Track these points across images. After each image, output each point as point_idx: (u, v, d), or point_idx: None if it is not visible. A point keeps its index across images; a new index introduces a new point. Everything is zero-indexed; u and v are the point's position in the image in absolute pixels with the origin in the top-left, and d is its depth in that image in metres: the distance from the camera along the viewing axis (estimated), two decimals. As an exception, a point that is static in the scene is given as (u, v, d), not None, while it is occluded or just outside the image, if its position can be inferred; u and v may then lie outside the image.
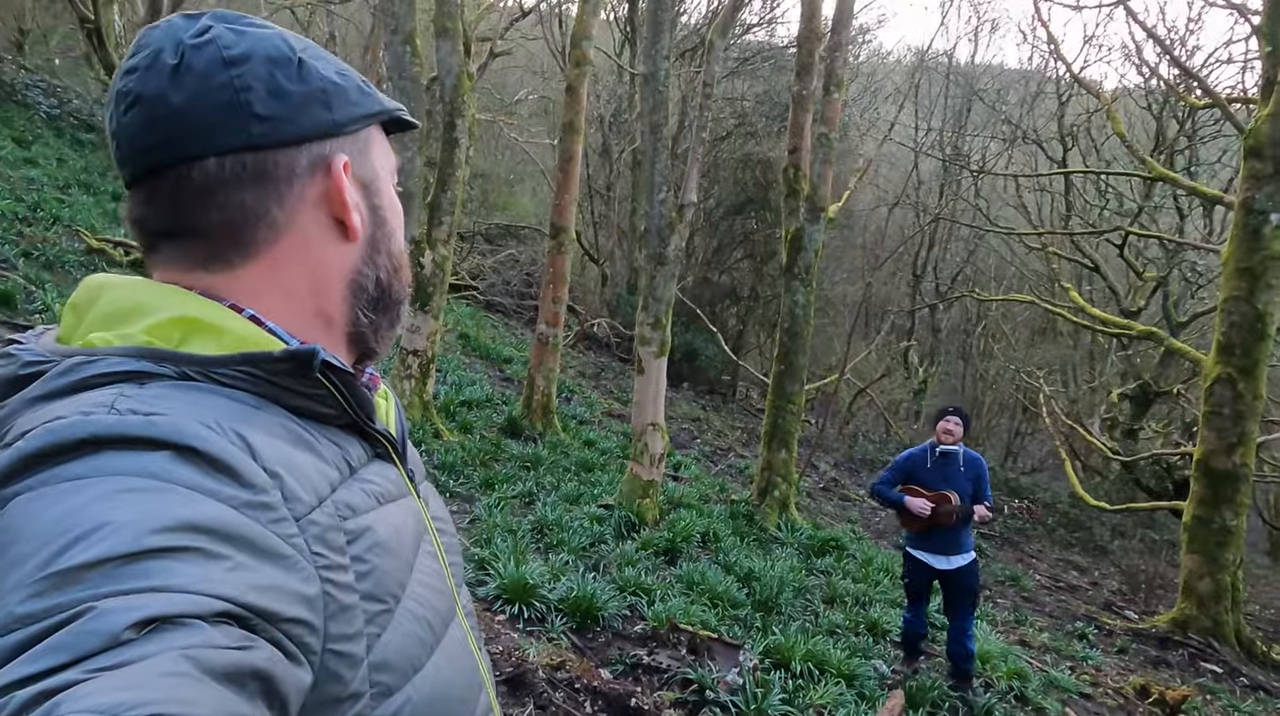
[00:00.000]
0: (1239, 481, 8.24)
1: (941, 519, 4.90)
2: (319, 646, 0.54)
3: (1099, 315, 13.36)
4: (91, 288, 0.66)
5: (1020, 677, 5.55)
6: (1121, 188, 17.92)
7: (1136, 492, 16.57)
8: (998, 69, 22.68)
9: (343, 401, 0.65)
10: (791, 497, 8.44)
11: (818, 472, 12.57)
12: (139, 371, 0.57)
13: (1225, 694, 6.86)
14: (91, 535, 0.46)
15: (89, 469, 0.50)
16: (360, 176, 0.71)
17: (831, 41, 7.96)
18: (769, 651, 4.70)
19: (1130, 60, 28.64)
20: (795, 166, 8.14)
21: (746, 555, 6.65)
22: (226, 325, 0.63)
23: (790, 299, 8.14)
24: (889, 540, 9.80)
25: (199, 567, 0.47)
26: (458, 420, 8.59)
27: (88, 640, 0.41)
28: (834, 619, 5.83)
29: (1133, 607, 9.49)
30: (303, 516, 0.56)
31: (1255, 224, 8.01)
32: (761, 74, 17.56)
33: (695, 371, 16.96)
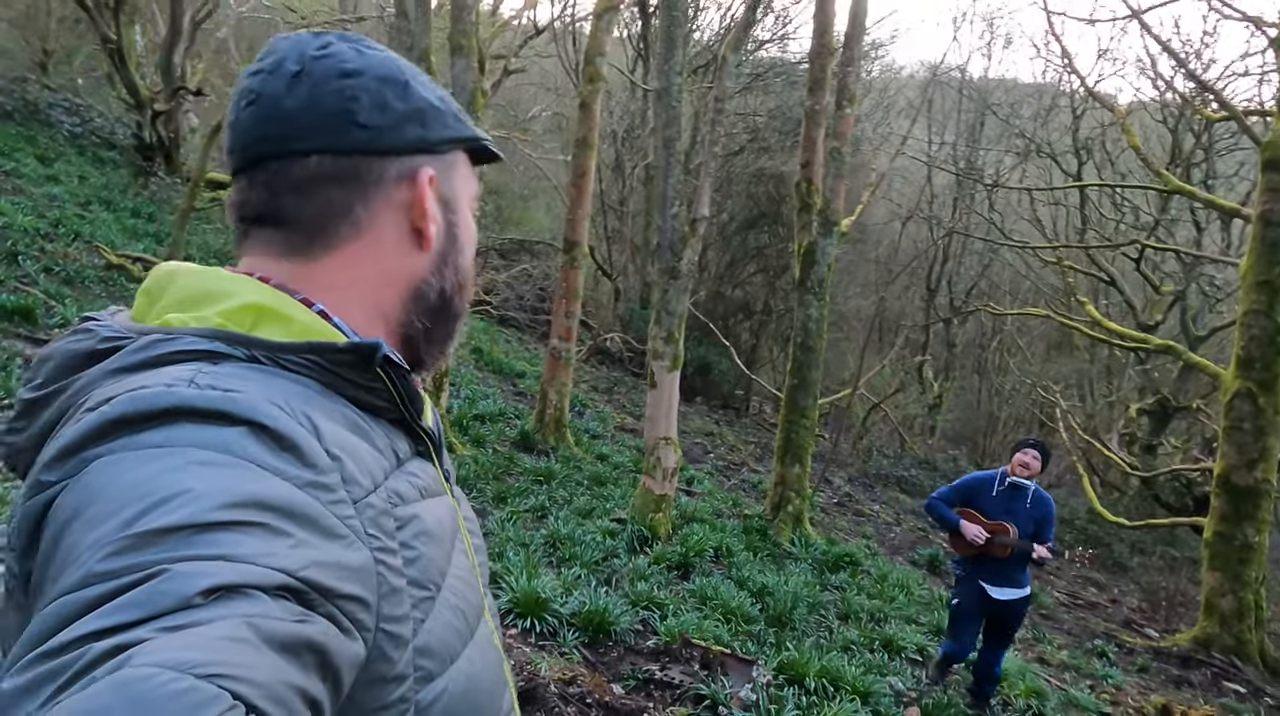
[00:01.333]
0: (1260, 497, 8.13)
1: (995, 550, 4.70)
2: (373, 624, 0.57)
3: (1115, 329, 13.25)
4: (163, 274, 0.70)
5: (1038, 696, 5.47)
6: (1137, 201, 17.82)
7: (1156, 508, 16.34)
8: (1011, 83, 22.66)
9: (397, 396, 0.69)
10: (805, 512, 8.38)
11: (832, 487, 12.50)
12: (213, 351, 0.61)
13: (1248, 714, 6.74)
14: (169, 501, 0.49)
15: (168, 438, 0.53)
16: (442, 193, 0.76)
17: (844, 57, 7.98)
18: (782, 667, 4.65)
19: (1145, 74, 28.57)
20: (808, 181, 8.15)
21: (760, 570, 6.61)
22: (294, 314, 0.68)
23: (803, 313, 8.13)
24: (904, 555, 9.71)
25: (264, 542, 0.49)
26: (471, 434, 8.61)
27: (162, 600, 0.44)
28: (849, 635, 5.78)
29: (1153, 625, 9.35)
30: (360, 499, 0.59)
31: (1274, 237, 7.95)
32: (774, 89, 17.62)
33: (709, 385, 16.93)
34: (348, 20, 16.01)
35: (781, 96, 17.27)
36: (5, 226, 9.18)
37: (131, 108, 14.71)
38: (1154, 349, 12.33)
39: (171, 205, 12.42)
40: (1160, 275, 17.43)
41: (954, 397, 22.51)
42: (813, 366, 8.26)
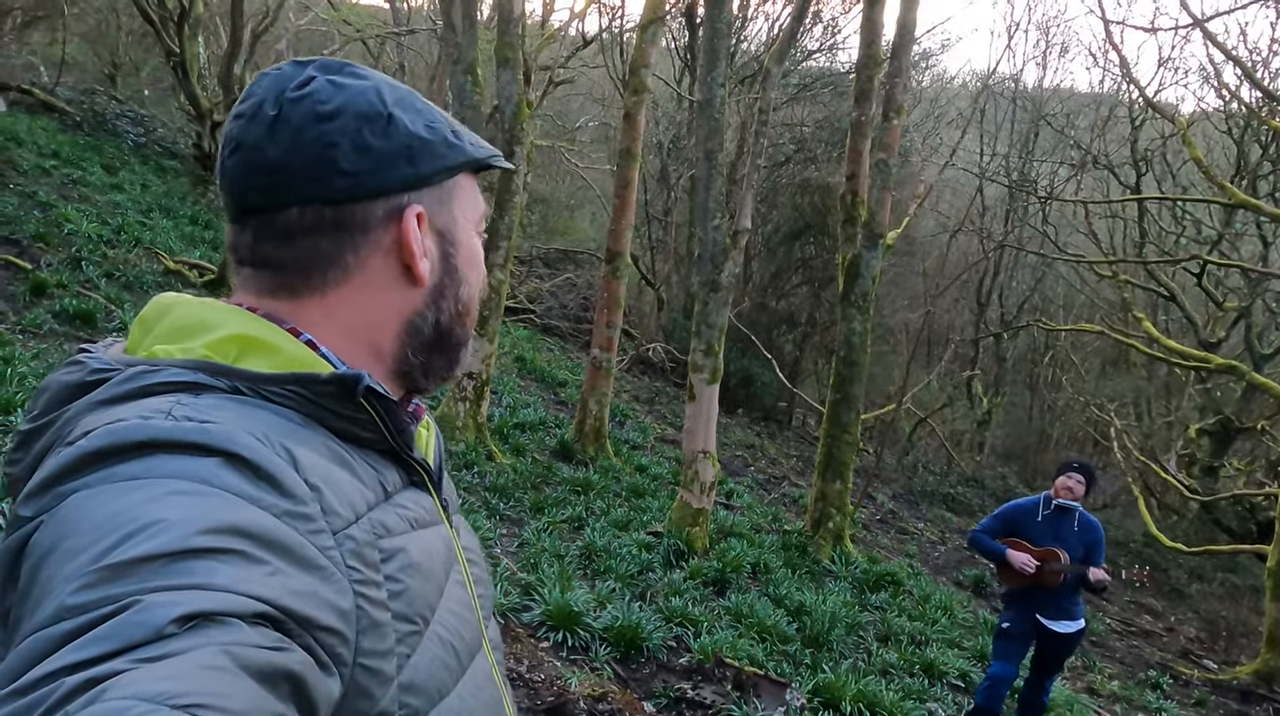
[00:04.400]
0: (1329, 526, 7.76)
1: (1047, 579, 4.49)
2: (350, 658, 0.56)
3: (1174, 347, 12.81)
4: (161, 305, 0.71)
5: (1086, 728, 5.28)
6: (1199, 214, 17.21)
7: (1217, 533, 15.71)
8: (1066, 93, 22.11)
9: (383, 427, 0.68)
10: (846, 529, 8.24)
11: (875, 504, 12.28)
12: (195, 382, 0.61)
13: (1314, 754, 6.42)
14: (141, 532, 0.48)
15: (144, 470, 0.53)
16: (438, 225, 0.75)
17: (891, 67, 7.87)
18: (818, 690, 4.56)
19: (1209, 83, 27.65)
20: (853, 193, 8.04)
21: (798, 588, 6.51)
22: (281, 345, 0.68)
23: (847, 327, 8.01)
24: (948, 576, 9.49)
25: (240, 569, 0.49)
26: (511, 442, 8.65)
27: (134, 631, 0.44)
28: (887, 658, 5.65)
29: (1212, 656, 8.98)
30: (340, 530, 0.59)
31: (1345, 253, 7.60)
32: (822, 99, 17.48)
33: (751, 397, 16.80)
34: (399, 33, 16.32)
35: (829, 107, 17.12)
36: (71, 233, 9.54)
37: (193, 118, 15.20)
38: (1215, 368, 11.89)
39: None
40: (1224, 291, 16.80)
41: (1004, 414, 21.97)
42: (855, 381, 8.13)
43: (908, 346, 16.98)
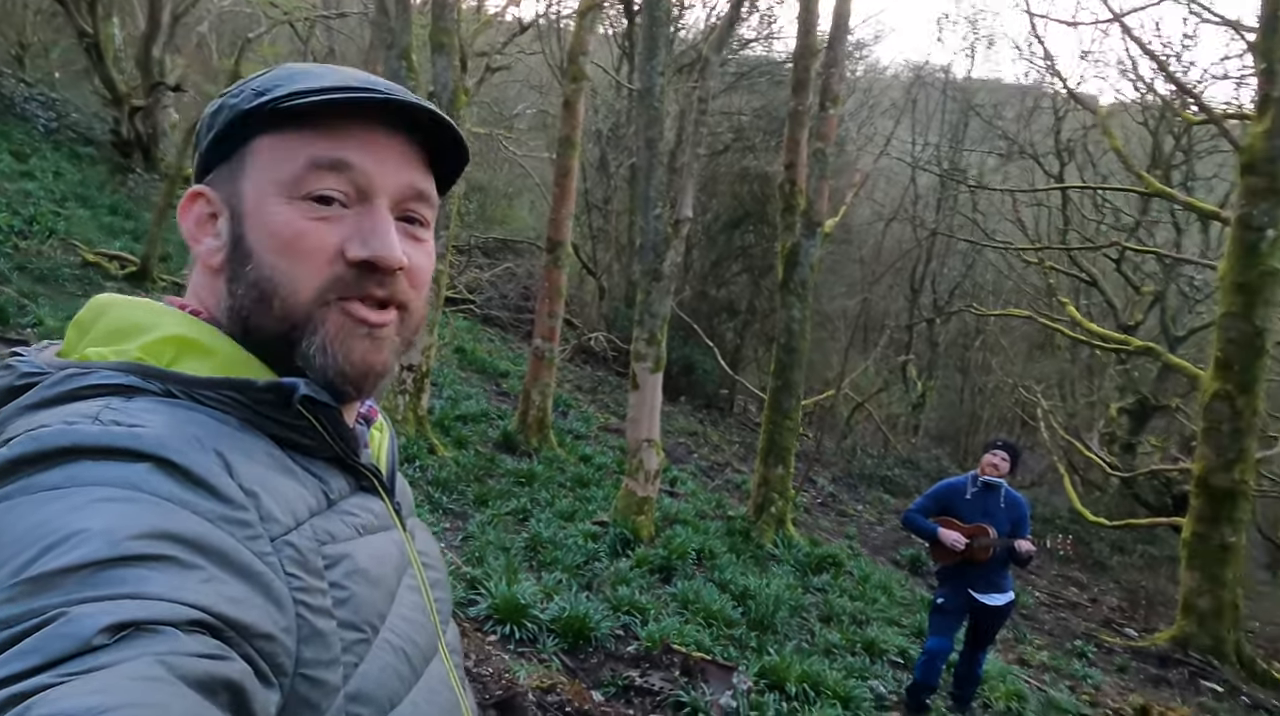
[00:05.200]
0: (1238, 498, 8.20)
1: (977, 554, 4.68)
2: (290, 668, 0.54)
3: (1096, 330, 13.35)
4: (97, 306, 0.68)
5: (1019, 698, 5.50)
6: (1118, 202, 17.94)
7: (1136, 508, 16.49)
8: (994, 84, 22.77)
9: (324, 435, 0.66)
10: (788, 513, 8.38)
11: (815, 488, 12.52)
12: (127, 385, 0.59)
13: (1225, 713, 6.80)
14: (66, 541, 0.46)
15: (67, 477, 0.51)
16: (228, 203, 0.69)
17: (827, 57, 7.98)
18: (764, 672, 4.64)
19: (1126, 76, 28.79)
20: (791, 182, 8.14)
21: (742, 572, 6.60)
22: (218, 348, 0.66)
23: (786, 314, 8.12)
24: (886, 556, 9.74)
25: (173, 576, 0.47)
26: (453, 435, 8.54)
27: (59, 644, 0.42)
28: (830, 638, 5.78)
29: (1133, 625, 9.42)
30: (278, 536, 0.57)
31: (1252, 239, 8.01)
32: (759, 89, 17.61)
33: (693, 385, 16.92)
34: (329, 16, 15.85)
35: (767, 95, 17.27)
36: (-23, 224, 9.03)
37: (109, 103, 14.50)
38: (1134, 350, 12.44)
39: (150, 202, 12.25)
40: (1141, 276, 17.57)
41: (937, 397, 22.60)
42: (796, 367, 8.26)
43: (846, 333, 17.32)
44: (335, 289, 0.67)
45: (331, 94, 0.66)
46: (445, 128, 0.72)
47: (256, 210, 0.68)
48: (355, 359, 0.68)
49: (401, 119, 0.70)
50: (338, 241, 0.67)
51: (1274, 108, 7.81)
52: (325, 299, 0.67)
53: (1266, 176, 7.86)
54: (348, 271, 0.67)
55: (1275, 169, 7.81)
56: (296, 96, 0.66)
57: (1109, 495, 17.61)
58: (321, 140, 0.67)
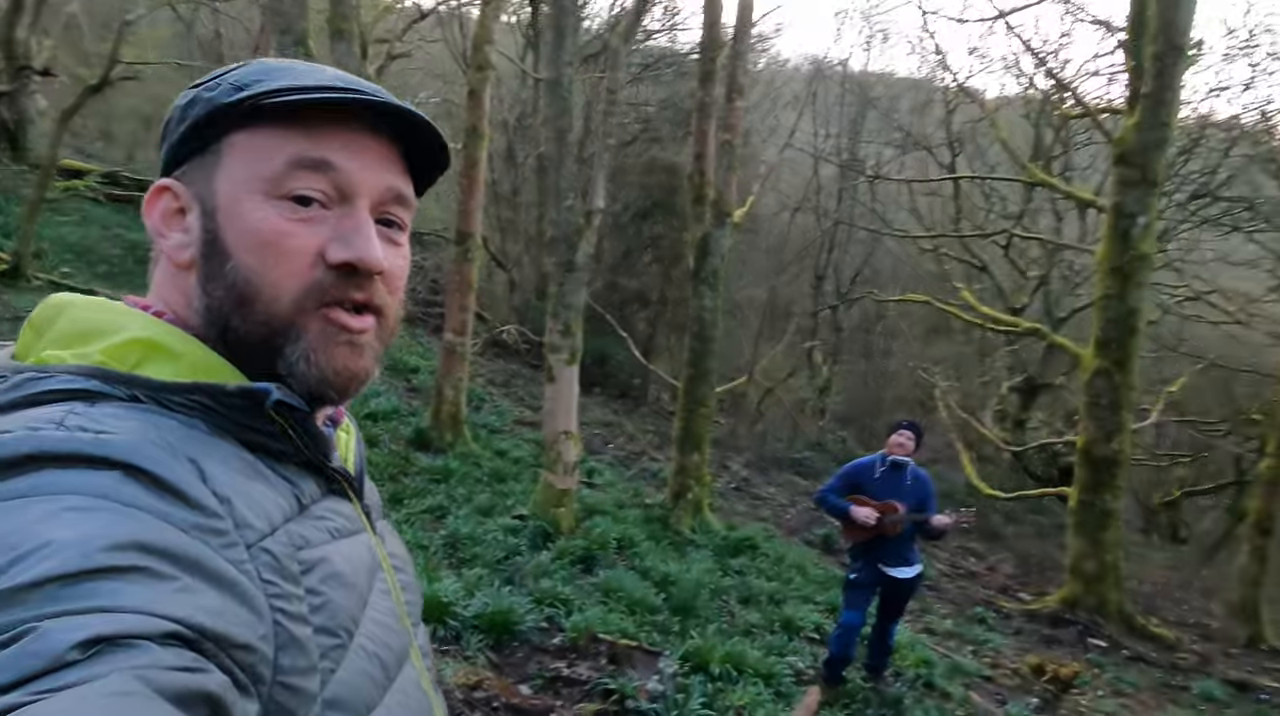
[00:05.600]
0: (1117, 466, 8.82)
1: (887, 530, 4.87)
2: (269, 677, 0.53)
3: (989, 313, 14.08)
4: (53, 307, 0.65)
5: (927, 665, 5.77)
6: (1004, 191, 18.92)
7: (1026, 480, 17.51)
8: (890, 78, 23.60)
9: (296, 440, 0.65)
10: (705, 499, 8.53)
11: (729, 473, 12.76)
12: (89, 390, 0.57)
13: (1110, 667, 7.32)
14: (34, 553, 0.45)
15: (32, 486, 0.49)
16: (200, 198, 0.68)
17: (733, 50, 8.11)
18: (688, 656, 4.73)
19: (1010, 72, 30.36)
20: (700, 173, 8.25)
21: (663, 559, 6.69)
22: (185, 351, 0.64)
23: (699, 303, 8.24)
24: (799, 536, 10.04)
25: (147, 588, 0.46)
26: (363, 433, 8.31)
27: (31, 661, 0.40)
28: (750, 618, 5.93)
29: (1026, 590, 10.01)
30: (253, 543, 0.56)
31: (1125, 226, 8.59)
32: (665, 79, 17.72)
33: (606, 376, 16.95)
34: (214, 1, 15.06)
35: (672, 87, 17.40)
36: None
37: (-32, 87, 13.38)
38: (1023, 331, 13.16)
39: (19, 195, 11.39)
40: (1026, 261, 18.59)
41: (842, 381, 23.36)
42: (709, 356, 8.39)
43: (755, 321, 17.67)
44: (316, 292, 0.66)
45: (317, 93, 0.64)
46: (427, 131, 0.71)
47: (233, 207, 0.66)
48: (338, 366, 0.67)
49: (383, 121, 0.69)
50: (319, 243, 0.66)
51: (1143, 103, 8.39)
52: (306, 303, 0.66)
53: (1138, 167, 8.44)
54: (328, 274, 0.66)
55: (1146, 160, 8.40)
56: (280, 94, 0.64)
57: (1001, 469, 18.62)
58: (303, 139, 0.66)
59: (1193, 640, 9.06)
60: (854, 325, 23.33)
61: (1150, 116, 8.31)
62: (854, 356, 23.87)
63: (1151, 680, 7.25)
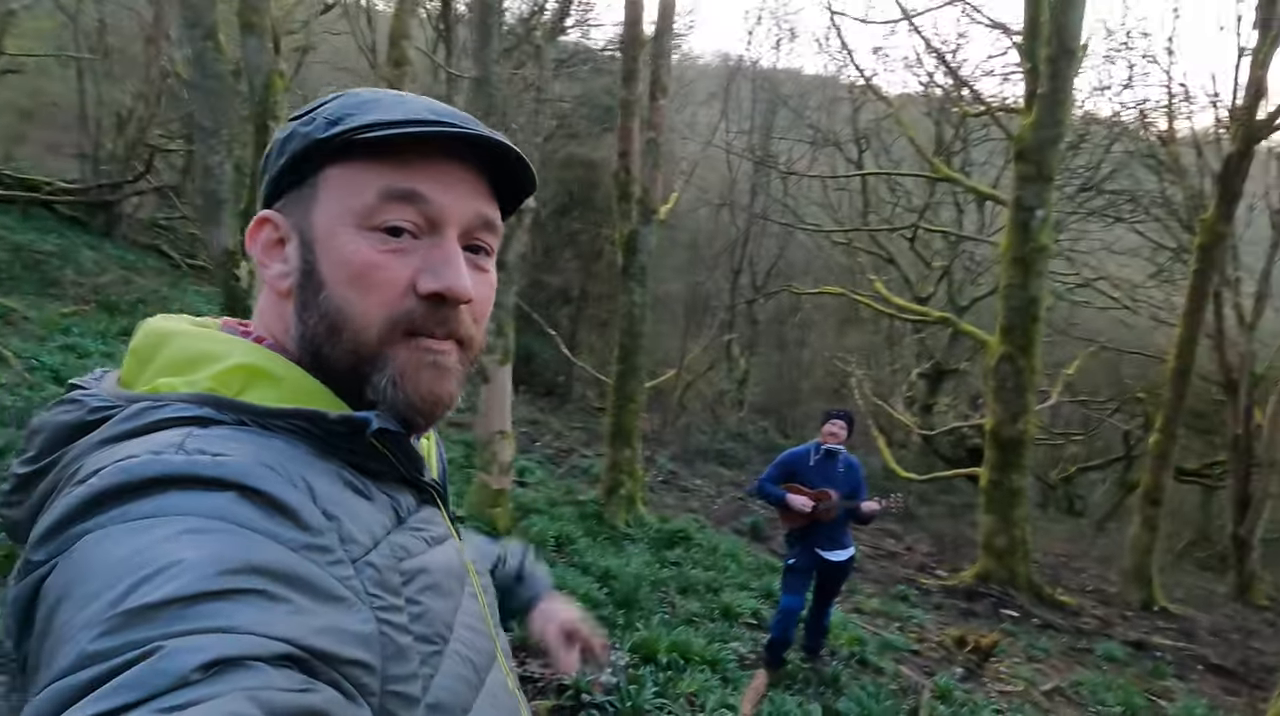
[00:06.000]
0: (1022, 446, 9.34)
1: (822, 515, 5.03)
2: (378, 687, 0.56)
3: (902, 304, 14.66)
4: (154, 335, 0.68)
5: (859, 643, 6.01)
6: (909, 186, 19.71)
7: (936, 462, 18.33)
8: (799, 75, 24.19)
9: (395, 462, 0.68)
10: (638, 494, 8.63)
11: (656, 467, 12.91)
12: (202, 417, 0.60)
13: (1023, 634, 7.78)
14: (159, 575, 0.47)
15: (157, 508, 0.52)
16: (299, 230, 0.70)
17: (655, 49, 8.20)
18: (636, 647, 4.80)
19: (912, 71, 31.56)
20: (626, 170, 8.31)
21: (601, 555, 6.74)
22: (286, 376, 0.67)
23: (628, 299, 8.32)
24: (729, 526, 10.26)
25: (261, 610, 0.49)
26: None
27: (158, 679, 0.43)
28: (691, 608, 6.05)
29: (943, 567, 10.51)
30: (359, 558, 0.59)
31: (1025, 219, 9.10)
32: (580, 76, 17.74)
33: (532, 374, 16.87)
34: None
35: (588, 83, 17.43)
36: None
37: None
38: (933, 320, 13.76)
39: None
40: (930, 253, 19.43)
41: (759, 372, 23.89)
42: (639, 351, 8.48)
43: (677, 316, 17.87)
44: (405, 322, 0.68)
45: (405, 128, 0.66)
46: (513, 157, 0.72)
47: (328, 239, 0.68)
48: (424, 392, 0.69)
49: (469, 148, 0.71)
50: (409, 274, 0.68)
51: (1039, 103, 8.90)
52: (395, 332, 0.68)
53: (1035, 163, 8.95)
54: (417, 304, 0.68)
55: (1043, 157, 8.92)
56: (371, 128, 0.66)
57: (912, 453, 19.44)
58: (393, 171, 0.67)
59: (1093, 605, 9.72)
60: (769, 318, 23.89)
61: (1046, 115, 8.83)
62: (770, 348, 24.45)
63: (1060, 644, 7.75)
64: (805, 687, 5.05)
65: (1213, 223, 10.31)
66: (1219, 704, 6.67)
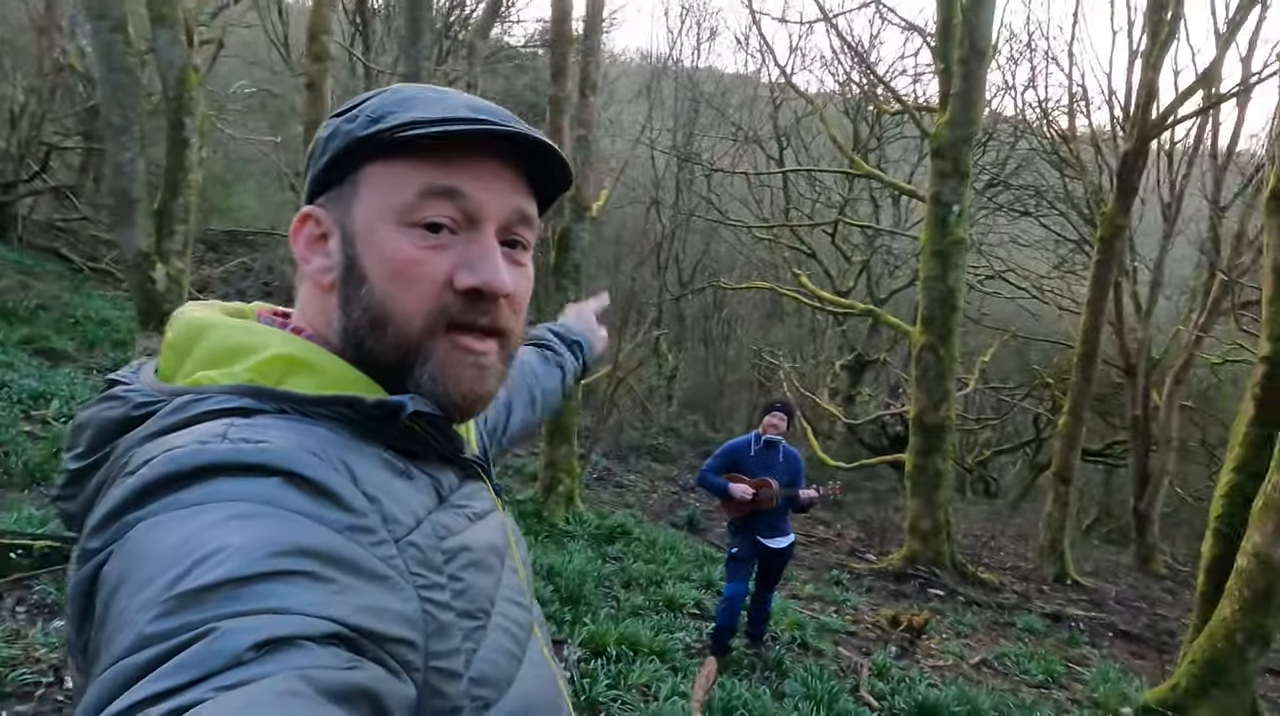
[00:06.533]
0: (944, 432, 9.73)
1: (762, 504, 5.16)
2: (422, 664, 0.58)
3: (827, 297, 15.03)
4: (190, 327, 0.69)
5: (799, 627, 6.19)
6: (828, 182, 20.23)
7: (860, 450, 18.90)
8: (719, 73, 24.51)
9: (434, 443, 0.70)
10: (577, 491, 8.64)
11: (591, 463, 12.92)
12: (243, 407, 0.62)
13: (950, 612, 8.12)
14: (211, 558, 0.49)
15: (205, 495, 0.54)
16: (340, 225, 0.72)
17: (584, 46, 8.21)
18: (586, 642, 4.83)
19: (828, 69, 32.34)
20: (557, 167, 8.28)
21: (543, 552, 6.73)
22: (325, 365, 0.68)
23: (562, 297, 8.29)
24: (665, 519, 10.36)
25: (309, 591, 0.50)
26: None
27: (214, 659, 0.44)
28: (635, 601, 6.10)
29: (872, 551, 10.86)
30: (401, 538, 0.60)
31: (942, 214, 9.47)
32: (503, 73, 17.57)
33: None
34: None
35: (511, 80, 17.28)
36: None
37: None
38: (858, 313, 14.16)
39: None
40: (850, 247, 20.00)
41: (687, 367, 24.15)
42: (574, 349, 8.47)
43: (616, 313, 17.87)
44: (444, 316, 0.70)
45: (445, 125, 0.68)
46: (550, 153, 0.74)
47: (369, 235, 0.70)
48: (464, 388, 0.72)
49: (507, 144, 0.72)
50: (448, 269, 0.70)
51: (953, 102, 9.27)
52: (435, 327, 0.70)
53: (951, 160, 9.33)
54: (456, 299, 0.70)
55: (958, 154, 9.29)
56: (412, 126, 0.68)
57: (837, 442, 20.00)
58: (433, 168, 0.69)
59: (1013, 581, 10.21)
60: (696, 314, 24.16)
61: (960, 114, 9.21)
62: (696, 343, 24.74)
63: (984, 619, 8.12)
64: (751, 672, 5.17)
65: (1112, 216, 10.94)
66: (1129, 667, 7.11)
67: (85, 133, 15.13)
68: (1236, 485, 5.92)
